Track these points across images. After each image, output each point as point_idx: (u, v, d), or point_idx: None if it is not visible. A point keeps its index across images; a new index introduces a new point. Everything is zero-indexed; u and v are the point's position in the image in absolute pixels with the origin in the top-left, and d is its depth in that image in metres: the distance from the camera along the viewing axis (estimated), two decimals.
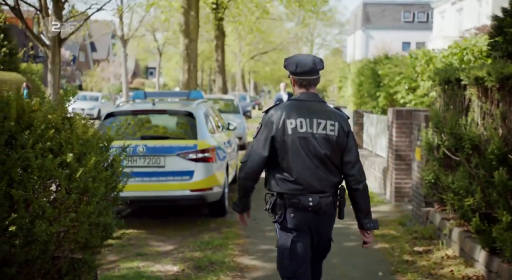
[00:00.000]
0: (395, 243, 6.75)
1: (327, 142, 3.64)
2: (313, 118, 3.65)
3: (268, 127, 3.67)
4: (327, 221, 3.88)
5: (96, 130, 4.04)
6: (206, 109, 8.78)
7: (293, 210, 3.67)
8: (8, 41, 40.30)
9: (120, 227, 6.68)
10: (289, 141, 3.62)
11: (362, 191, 3.84)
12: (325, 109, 3.72)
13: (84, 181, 3.67)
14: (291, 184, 3.64)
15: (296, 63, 3.72)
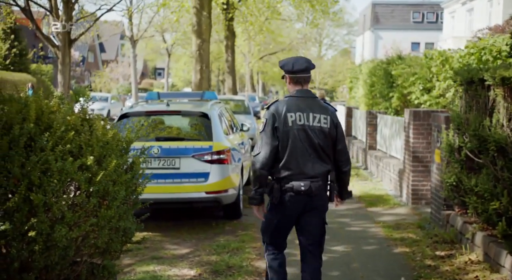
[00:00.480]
0: (416, 247, 6.60)
1: (321, 133, 4.18)
2: (309, 112, 4.19)
3: (272, 120, 4.16)
4: (320, 202, 4.35)
5: (116, 131, 3.92)
6: (220, 110, 8.66)
7: (288, 194, 4.18)
8: (18, 42, 40.46)
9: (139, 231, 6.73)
10: (290, 132, 4.14)
11: (348, 173, 4.45)
12: (319, 104, 4.28)
13: (105, 184, 3.55)
14: (287, 170, 4.16)
15: (293, 62, 4.27)
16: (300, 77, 4.27)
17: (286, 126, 4.12)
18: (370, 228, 7.70)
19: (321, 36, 74.79)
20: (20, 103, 3.55)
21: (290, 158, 4.14)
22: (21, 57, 40.40)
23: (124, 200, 3.84)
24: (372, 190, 10.48)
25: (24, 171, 3.31)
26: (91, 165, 3.51)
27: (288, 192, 4.16)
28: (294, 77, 4.28)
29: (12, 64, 39.68)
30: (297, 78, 4.27)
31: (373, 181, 11.52)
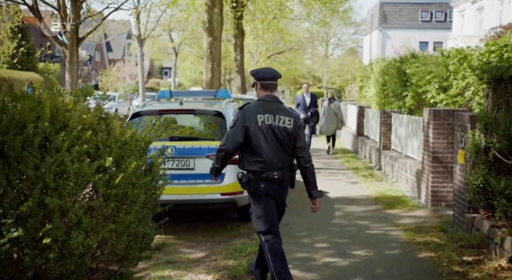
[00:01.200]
0: (441, 251, 6.34)
1: (285, 132, 4.92)
2: (275, 114, 4.94)
3: (242, 120, 4.89)
4: (285, 189, 5.14)
5: (134, 131, 3.69)
6: (235, 109, 8.41)
7: (263, 182, 4.90)
8: (25, 41, 40.40)
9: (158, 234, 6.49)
10: (260, 131, 4.85)
11: (310, 169, 5.07)
12: (284, 108, 5.04)
13: (124, 187, 3.32)
14: (261, 163, 4.90)
15: (263, 72, 5.07)
16: (269, 84, 5.03)
17: (256, 125, 4.87)
18: (390, 231, 7.44)
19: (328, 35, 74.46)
20: (33, 101, 3.31)
21: (262, 152, 4.85)
22: (28, 56, 40.33)
23: (143, 204, 3.60)
24: (388, 191, 10.21)
25: (39, 173, 3.08)
26: (109, 166, 3.28)
27: (263, 180, 4.89)
28: (264, 84, 5.03)
29: (20, 63, 39.62)
30: (266, 85, 5.03)
31: (389, 182, 11.25)
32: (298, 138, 4.97)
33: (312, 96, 15.64)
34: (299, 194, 9.82)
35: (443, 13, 58.28)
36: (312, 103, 15.43)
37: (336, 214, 8.47)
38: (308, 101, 15.36)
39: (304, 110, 15.17)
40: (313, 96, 15.72)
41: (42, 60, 45.04)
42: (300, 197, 9.59)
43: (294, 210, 8.66)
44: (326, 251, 6.55)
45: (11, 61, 39.19)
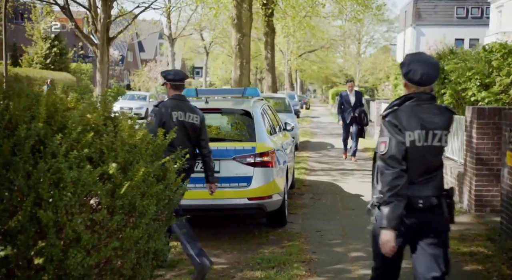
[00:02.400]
0: (490, 264, 5.77)
1: (193, 127, 5.79)
2: (186, 112, 5.78)
3: (160, 115, 5.71)
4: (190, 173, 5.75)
5: (145, 132, 3.24)
6: (263, 107, 7.96)
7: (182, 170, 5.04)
8: (58, 42, 40.65)
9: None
10: (174, 125, 5.09)
11: (209, 157, 5.94)
12: (191, 106, 5.89)
13: (131, 198, 2.88)
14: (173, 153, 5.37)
15: (174, 73, 5.85)
16: (178, 85, 5.86)
17: (172, 121, 5.65)
18: None
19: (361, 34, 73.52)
20: (29, 99, 2.89)
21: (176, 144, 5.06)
22: (61, 56, 40.59)
23: (155, 216, 3.16)
24: None
25: (31, 182, 2.65)
26: (114, 174, 2.84)
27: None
28: (174, 85, 5.84)
29: (53, 63, 39.89)
30: (176, 85, 5.85)
31: None
32: (201, 132, 5.88)
33: (357, 94, 14.25)
34: (332, 198, 9.32)
35: (480, 9, 56.90)
36: (358, 102, 14.11)
37: (372, 219, 7.91)
38: (352, 100, 14.06)
39: (350, 110, 13.97)
40: (358, 93, 14.33)
41: (75, 60, 45.30)
42: (334, 202, 9.09)
43: (327, 215, 8.17)
44: (362, 261, 6.03)
45: (44, 61, 39.49)
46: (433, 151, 3.58)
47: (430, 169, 3.62)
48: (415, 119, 3.54)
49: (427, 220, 3.60)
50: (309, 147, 18.09)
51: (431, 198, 3.57)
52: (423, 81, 3.58)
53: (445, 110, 3.67)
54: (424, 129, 3.54)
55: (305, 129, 26.27)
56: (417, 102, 3.59)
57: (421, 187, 3.59)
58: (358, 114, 13.88)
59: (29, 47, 40.58)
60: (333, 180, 11.27)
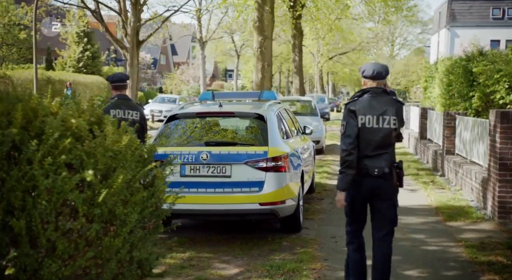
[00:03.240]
0: (508, 274, 5.53)
1: (133, 123, 6.11)
2: (125, 109, 6.69)
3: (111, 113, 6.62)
4: None
5: (132, 137, 3.15)
6: (279, 111, 7.83)
7: None
8: (91, 45, 41.17)
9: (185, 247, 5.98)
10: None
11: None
12: (132, 104, 6.86)
13: (111, 206, 2.79)
14: None
15: (112, 76, 6.81)
16: (117, 85, 6.84)
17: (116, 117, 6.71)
18: (450, 247, 6.65)
19: (394, 35, 72.69)
20: (8, 103, 2.83)
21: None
22: (93, 60, 41.09)
23: (141, 225, 3.07)
24: (450, 200, 9.35)
25: (4, 189, 2.59)
26: (92, 181, 2.75)
27: None
28: (113, 85, 6.83)
29: (85, 67, 40.40)
30: (115, 86, 6.84)
31: (452, 190, 10.37)
32: (143, 127, 6.69)
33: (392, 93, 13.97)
34: None
35: None
36: None
37: None
38: None
39: None
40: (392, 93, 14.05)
41: (107, 64, 45.81)
42: None
43: (343, 221, 7.95)
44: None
45: (76, 64, 40.02)
46: (384, 131, 4.70)
47: (383, 145, 4.71)
48: (368, 107, 4.69)
49: (380, 184, 4.70)
50: (335, 150, 17.86)
51: (384, 168, 4.68)
52: (375, 76, 4.79)
53: (395, 101, 4.84)
54: (375, 114, 4.67)
55: (334, 132, 25.98)
56: (372, 95, 4.76)
57: (376, 159, 4.68)
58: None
59: (63, 51, 41.21)
60: None
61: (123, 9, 28.84)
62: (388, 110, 4.72)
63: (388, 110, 4.73)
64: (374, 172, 4.66)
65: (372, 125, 4.66)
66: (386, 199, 4.75)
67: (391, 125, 4.70)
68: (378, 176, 4.66)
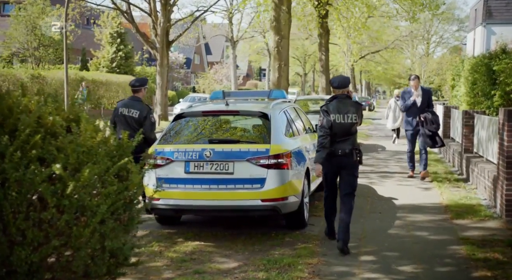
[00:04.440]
0: (500, 270, 5.57)
1: (132, 118, 7.97)
2: (129, 108, 8.03)
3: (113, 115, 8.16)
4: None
5: (110, 134, 3.35)
6: (286, 109, 7.97)
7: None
8: (124, 46, 41.85)
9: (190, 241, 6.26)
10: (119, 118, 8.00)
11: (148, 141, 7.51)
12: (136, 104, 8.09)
13: (80, 198, 2.99)
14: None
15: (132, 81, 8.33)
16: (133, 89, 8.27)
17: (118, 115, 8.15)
18: (450, 244, 6.69)
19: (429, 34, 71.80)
20: None
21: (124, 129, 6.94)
22: (126, 60, 41.82)
23: (115, 216, 3.26)
24: (462, 198, 9.34)
25: None
26: (61, 174, 2.96)
27: None
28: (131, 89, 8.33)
29: (118, 67, 41.15)
30: (132, 90, 8.31)
31: (466, 189, 10.33)
32: (144, 122, 7.93)
33: (425, 92, 11.45)
34: (362, 201, 9.20)
35: None
36: (425, 102, 11.34)
37: (396, 223, 7.80)
38: (419, 101, 11.33)
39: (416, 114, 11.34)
40: (427, 92, 11.53)
41: (139, 64, 46.50)
42: (363, 204, 8.97)
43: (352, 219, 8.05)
44: (369, 265, 5.95)
45: (110, 65, 40.78)
46: (348, 124, 6.59)
47: (347, 134, 6.60)
48: (337, 108, 6.60)
49: (344, 161, 6.60)
50: None
51: (346, 149, 6.56)
52: (339, 86, 6.75)
53: (355, 103, 6.75)
54: (341, 113, 6.57)
55: (362, 131, 25.92)
56: (339, 99, 6.70)
57: (342, 144, 6.59)
58: (424, 117, 11.12)
59: (97, 52, 42.05)
60: (370, 182, 11.12)
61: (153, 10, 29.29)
62: (350, 110, 6.60)
63: (350, 110, 6.61)
64: (338, 152, 6.55)
65: (340, 120, 6.55)
66: (348, 171, 6.63)
67: (353, 120, 6.60)
68: (342, 155, 6.57)
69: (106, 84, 34.56)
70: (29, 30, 33.12)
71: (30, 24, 32.99)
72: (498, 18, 56.19)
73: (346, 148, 6.54)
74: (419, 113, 11.25)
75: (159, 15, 28.43)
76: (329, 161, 6.62)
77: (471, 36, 61.30)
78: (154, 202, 6.96)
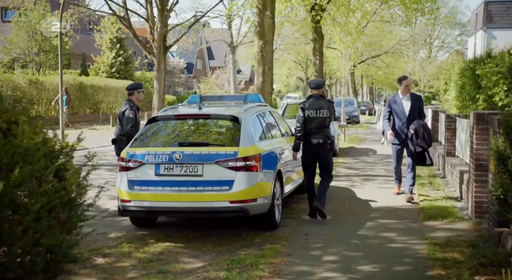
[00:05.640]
0: (454, 269, 5.69)
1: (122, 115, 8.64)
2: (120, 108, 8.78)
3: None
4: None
5: (45, 136, 3.50)
6: (259, 113, 8.12)
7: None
8: (123, 51, 42.08)
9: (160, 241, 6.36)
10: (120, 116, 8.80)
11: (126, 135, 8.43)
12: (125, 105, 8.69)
13: (11, 196, 3.14)
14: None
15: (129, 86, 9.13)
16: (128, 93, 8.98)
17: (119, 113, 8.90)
18: (414, 245, 6.82)
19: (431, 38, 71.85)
20: None
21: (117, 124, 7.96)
22: (126, 65, 42.02)
23: (53, 215, 3.41)
24: (438, 201, 9.46)
25: None
26: None
27: None
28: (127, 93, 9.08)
29: (118, 72, 41.35)
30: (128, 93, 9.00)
31: (445, 191, 10.45)
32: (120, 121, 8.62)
33: (414, 98, 9.65)
34: (340, 204, 9.33)
35: None
36: (415, 111, 9.53)
37: (367, 225, 7.92)
38: (406, 107, 9.49)
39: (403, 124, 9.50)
40: (417, 98, 9.73)
41: (139, 69, 46.74)
42: (340, 207, 9.10)
43: (325, 220, 8.19)
44: (330, 265, 6.08)
45: (109, 70, 41.01)
46: (321, 119, 8.19)
47: (321, 127, 8.20)
48: (311, 105, 8.25)
49: (318, 149, 8.23)
50: (350, 153, 18.01)
51: (320, 139, 8.17)
52: (315, 87, 8.41)
53: (328, 101, 8.36)
54: (315, 109, 8.21)
55: (357, 135, 26.05)
56: (314, 98, 8.34)
57: (316, 135, 8.19)
58: (415, 129, 9.29)
59: (98, 57, 42.30)
60: (351, 185, 11.24)
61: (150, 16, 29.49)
62: (323, 106, 8.24)
63: (323, 106, 8.24)
64: (313, 142, 8.19)
65: (313, 115, 8.20)
66: (322, 158, 8.30)
67: (324, 115, 8.20)
68: (316, 144, 8.19)
69: (105, 89, 34.78)
70: (29, 36, 33.41)
71: (30, 29, 33.30)
72: (499, 23, 56.25)
73: (320, 139, 8.15)
74: (408, 124, 9.45)
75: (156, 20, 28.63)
76: (306, 149, 8.31)
77: (472, 41, 61.36)
78: (125, 204, 7.13)
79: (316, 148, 8.18)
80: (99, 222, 8.33)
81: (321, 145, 8.16)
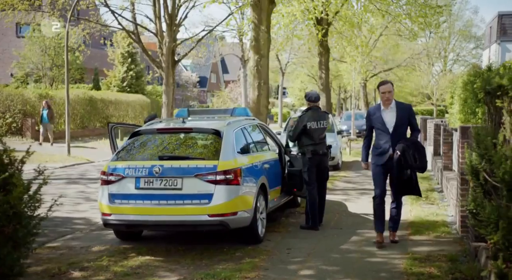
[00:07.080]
0: None
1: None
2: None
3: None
4: None
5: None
6: (244, 127, 8.13)
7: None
8: (135, 65, 42.43)
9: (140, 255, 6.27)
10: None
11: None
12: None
13: None
14: None
15: None
16: None
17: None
18: (394, 259, 6.76)
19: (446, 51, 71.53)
20: None
21: None
22: (137, 79, 42.34)
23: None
24: (430, 215, 9.38)
25: None
26: None
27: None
28: None
29: (129, 86, 41.67)
30: None
31: (439, 206, 10.36)
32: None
33: (401, 108, 7.50)
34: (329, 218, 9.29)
35: None
36: (403, 124, 7.44)
37: (352, 239, 7.87)
38: (390, 121, 7.39)
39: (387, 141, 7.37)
40: (404, 108, 7.52)
41: (150, 83, 47.06)
42: (328, 221, 9.06)
43: (310, 234, 8.17)
44: (305, 279, 6.05)
45: (121, 84, 41.34)
46: (321, 130, 8.70)
47: (322, 137, 8.76)
48: (312, 117, 8.64)
49: (322, 159, 8.79)
50: (353, 166, 17.93)
51: (323, 149, 8.76)
52: (313, 100, 8.82)
53: (325, 113, 9.04)
54: (315, 121, 8.62)
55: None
56: (313, 110, 8.75)
57: (320, 145, 8.72)
58: (402, 149, 7.27)
59: (110, 71, 42.69)
60: (345, 199, 11.18)
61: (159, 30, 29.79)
62: (322, 117, 8.76)
63: (322, 117, 8.77)
64: (320, 152, 8.69)
65: (315, 127, 8.63)
66: (324, 167, 8.88)
67: (324, 125, 8.75)
68: (321, 154, 8.73)
69: (115, 103, 35.04)
70: (43, 50, 33.87)
71: (44, 44, 33.77)
72: None
73: (324, 149, 8.79)
74: (393, 142, 7.36)
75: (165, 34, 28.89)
76: (312, 160, 8.66)
77: (486, 54, 61.02)
78: (106, 218, 7.18)
79: (321, 158, 8.73)
80: (86, 236, 8.39)
81: (325, 155, 8.80)
